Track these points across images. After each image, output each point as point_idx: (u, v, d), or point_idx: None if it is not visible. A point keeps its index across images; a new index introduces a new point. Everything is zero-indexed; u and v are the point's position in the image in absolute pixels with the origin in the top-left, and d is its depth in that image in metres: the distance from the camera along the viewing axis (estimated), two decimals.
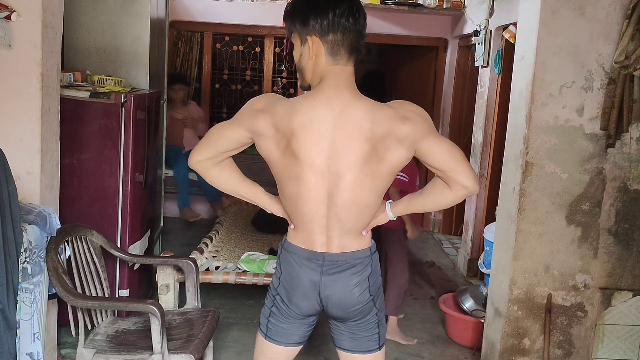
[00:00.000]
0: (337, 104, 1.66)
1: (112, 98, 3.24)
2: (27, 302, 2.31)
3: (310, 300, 1.80)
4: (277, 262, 1.90)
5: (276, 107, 1.69)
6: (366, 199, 1.73)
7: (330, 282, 1.77)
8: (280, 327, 1.87)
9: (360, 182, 1.69)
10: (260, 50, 6.40)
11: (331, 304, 1.80)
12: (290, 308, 1.83)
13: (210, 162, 1.81)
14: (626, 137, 2.77)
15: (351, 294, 1.78)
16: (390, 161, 1.68)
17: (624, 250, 2.86)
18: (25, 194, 2.57)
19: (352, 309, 1.80)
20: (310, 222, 1.76)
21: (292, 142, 1.67)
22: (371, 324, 1.85)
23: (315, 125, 1.65)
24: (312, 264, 1.77)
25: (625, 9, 2.64)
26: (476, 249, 4.99)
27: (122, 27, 3.91)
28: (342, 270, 1.77)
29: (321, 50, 1.68)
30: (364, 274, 1.79)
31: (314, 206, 1.72)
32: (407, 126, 1.66)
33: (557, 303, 2.89)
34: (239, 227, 4.86)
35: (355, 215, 1.75)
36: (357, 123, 1.65)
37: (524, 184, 2.79)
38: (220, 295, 4.04)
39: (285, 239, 1.86)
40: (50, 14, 2.61)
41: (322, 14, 1.65)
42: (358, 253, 1.79)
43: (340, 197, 1.70)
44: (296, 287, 1.80)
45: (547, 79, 2.73)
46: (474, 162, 5.12)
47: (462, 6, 5.54)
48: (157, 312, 2.34)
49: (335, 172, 1.68)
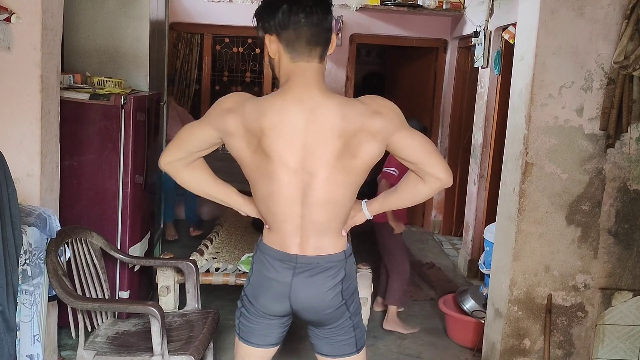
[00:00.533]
0: (308, 103, 1.65)
1: (111, 100, 3.25)
2: (27, 304, 2.31)
3: (279, 303, 1.78)
4: (251, 263, 1.87)
5: (245, 106, 1.68)
6: (341, 197, 1.72)
7: (301, 286, 1.75)
8: (250, 327, 1.85)
9: (334, 180, 1.68)
10: (260, 51, 6.41)
11: (302, 308, 1.78)
12: (257, 308, 1.81)
13: (181, 163, 1.79)
14: (626, 137, 2.77)
15: (322, 297, 1.76)
16: (363, 157, 1.68)
17: (624, 250, 2.86)
18: (25, 196, 2.58)
19: (323, 313, 1.78)
20: (284, 221, 1.73)
21: (262, 141, 1.65)
22: (345, 328, 1.83)
23: (287, 125, 1.64)
24: (284, 266, 1.75)
25: (624, 9, 2.64)
26: (476, 250, 4.99)
27: (122, 29, 3.91)
28: (315, 273, 1.75)
29: (280, 48, 1.69)
30: (337, 278, 1.77)
31: (288, 205, 1.70)
32: (379, 121, 1.66)
33: (558, 303, 2.89)
34: (239, 229, 4.85)
35: (330, 214, 1.73)
36: (328, 121, 1.64)
37: (523, 184, 2.79)
38: (220, 297, 4.04)
39: (261, 239, 1.84)
40: (50, 16, 2.62)
41: (273, 12, 1.66)
42: (332, 256, 1.76)
43: (314, 195, 1.69)
44: (265, 288, 1.78)
45: (547, 80, 2.73)
46: (474, 162, 5.12)
47: (462, 7, 5.55)
48: (157, 313, 2.34)
49: (308, 171, 1.67)
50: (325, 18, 1.67)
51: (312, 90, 1.67)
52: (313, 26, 1.65)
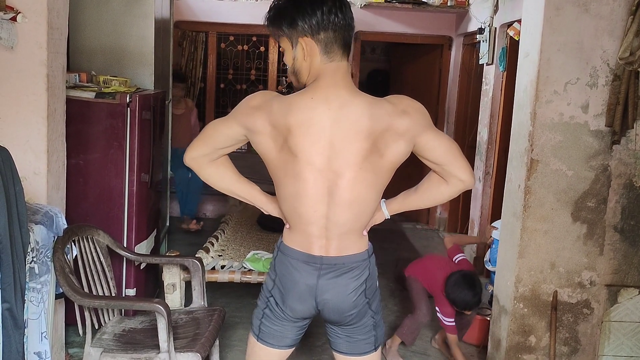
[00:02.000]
0: (335, 102, 1.65)
1: (117, 98, 3.26)
2: (35, 302, 2.32)
3: (305, 304, 1.77)
4: (271, 264, 1.86)
5: (273, 104, 1.68)
6: (366, 197, 1.72)
7: (327, 286, 1.75)
8: (272, 330, 1.84)
9: (361, 179, 1.68)
10: (264, 49, 6.41)
11: (327, 308, 1.78)
12: (284, 311, 1.80)
13: (206, 159, 1.79)
14: (631, 134, 2.76)
15: (347, 298, 1.76)
16: (391, 156, 1.68)
17: (630, 247, 2.85)
18: (32, 194, 2.59)
19: (348, 313, 1.78)
20: (308, 223, 1.72)
21: (289, 139, 1.65)
22: (367, 327, 1.83)
23: (314, 123, 1.64)
24: (309, 268, 1.74)
25: (630, 5, 2.63)
26: (481, 247, 4.98)
27: (127, 28, 3.92)
28: (340, 274, 1.75)
29: (315, 50, 1.67)
30: (361, 278, 1.77)
31: (313, 205, 1.69)
32: (406, 120, 1.66)
33: (563, 300, 2.89)
34: (244, 226, 4.87)
35: (355, 215, 1.72)
36: (355, 120, 1.64)
37: (529, 181, 2.79)
38: (226, 294, 4.05)
39: (282, 241, 1.82)
40: (56, 15, 2.63)
41: (309, 14, 1.64)
42: (356, 256, 1.76)
43: (340, 194, 1.68)
44: (291, 290, 1.77)
45: (552, 76, 2.73)
46: (480, 159, 5.11)
47: (467, 4, 5.53)
48: (163, 311, 2.35)
49: (334, 170, 1.66)
50: (352, 19, 1.69)
51: (339, 90, 1.67)
52: (348, 26, 1.68)
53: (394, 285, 4.50)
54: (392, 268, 4.50)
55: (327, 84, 1.66)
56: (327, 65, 1.68)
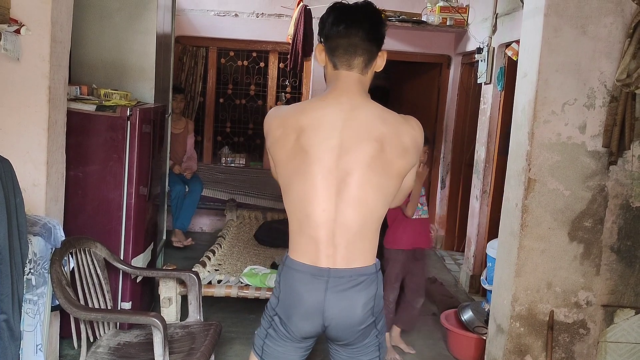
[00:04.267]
0: (347, 104, 1.74)
1: (117, 111, 3.27)
2: (31, 314, 2.32)
3: (312, 321, 1.74)
4: (276, 281, 1.83)
5: (285, 109, 1.81)
6: (374, 198, 1.72)
7: (335, 301, 1.72)
8: (276, 351, 1.81)
9: (368, 179, 1.70)
10: (264, 65, 6.45)
11: (334, 325, 1.74)
12: (289, 330, 1.77)
13: None
14: (628, 155, 2.78)
15: (355, 313, 1.73)
16: (397, 162, 1.73)
17: (626, 267, 2.86)
18: (31, 205, 2.59)
19: (354, 330, 1.75)
20: (316, 226, 1.71)
21: (300, 138, 1.71)
22: (371, 346, 1.81)
23: (325, 122, 1.71)
24: (316, 281, 1.72)
25: (627, 27, 2.67)
26: (478, 265, 4.99)
27: (129, 43, 3.95)
28: (348, 287, 1.72)
29: (326, 57, 1.81)
30: (370, 293, 1.75)
31: (321, 204, 1.70)
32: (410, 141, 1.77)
33: (560, 320, 2.89)
34: (241, 241, 4.86)
35: (363, 216, 1.72)
36: (367, 121, 1.72)
37: (526, 200, 2.80)
38: (222, 309, 4.04)
39: (287, 255, 1.80)
40: (59, 29, 2.65)
41: (322, 24, 1.81)
42: (364, 269, 1.75)
43: (349, 193, 1.70)
44: (297, 307, 1.74)
45: (550, 97, 2.75)
46: (477, 177, 5.13)
47: (466, 24, 5.59)
48: (159, 324, 2.35)
49: (343, 168, 1.70)
50: (369, 32, 1.77)
51: (351, 94, 1.76)
52: (351, 37, 1.76)
53: None
54: None
55: (339, 89, 1.77)
56: (337, 72, 1.79)
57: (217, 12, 6.11)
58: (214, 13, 6.11)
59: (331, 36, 1.77)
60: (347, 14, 1.77)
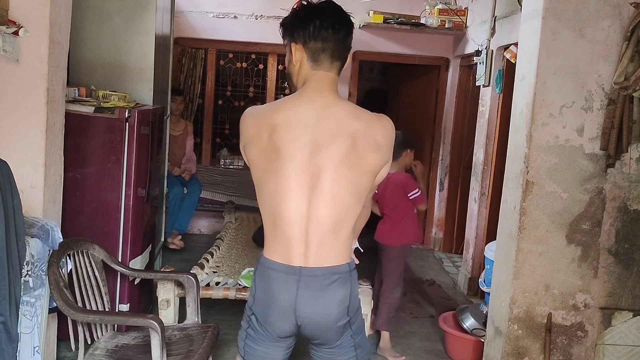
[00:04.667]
0: (320, 102, 1.76)
1: (116, 113, 3.27)
2: (28, 316, 2.31)
3: (286, 320, 1.75)
4: (252, 280, 1.85)
5: (260, 109, 1.83)
6: (346, 194, 1.73)
7: (306, 300, 1.72)
8: (257, 351, 1.81)
9: (342, 174, 1.72)
10: (263, 67, 6.45)
11: (307, 323, 1.75)
12: (266, 329, 1.78)
13: None
14: (626, 158, 2.79)
15: (328, 312, 1.74)
16: (369, 159, 1.74)
17: (624, 270, 2.86)
18: (28, 207, 2.59)
19: (327, 329, 1.75)
20: (289, 224, 1.72)
21: (273, 136, 1.73)
22: (346, 347, 1.80)
23: (298, 120, 1.73)
24: (288, 279, 1.73)
25: (625, 30, 2.68)
26: (477, 268, 4.98)
27: (128, 44, 3.95)
28: (319, 287, 1.72)
29: (304, 57, 1.81)
30: (344, 292, 1.75)
31: (294, 201, 1.71)
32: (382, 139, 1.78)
33: (558, 322, 2.89)
34: (239, 243, 4.86)
35: (336, 213, 1.72)
36: (339, 118, 1.75)
37: (524, 202, 2.81)
38: (220, 311, 4.03)
39: (262, 255, 1.82)
40: (58, 30, 2.65)
41: (304, 24, 1.80)
42: (336, 268, 1.74)
43: (322, 189, 1.71)
44: (272, 305, 1.74)
45: (548, 99, 2.76)
46: (475, 180, 5.13)
47: (464, 26, 5.60)
48: (157, 327, 2.34)
49: (316, 165, 1.71)
50: (347, 37, 1.83)
51: (324, 93, 1.79)
52: (337, 42, 1.80)
53: None
54: None
55: (312, 88, 1.80)
56: (314, 72, 1.81)
57: (216, 13, 6.11)
58: (213, 15, 6.11)
59: (317, 38, 1.78)
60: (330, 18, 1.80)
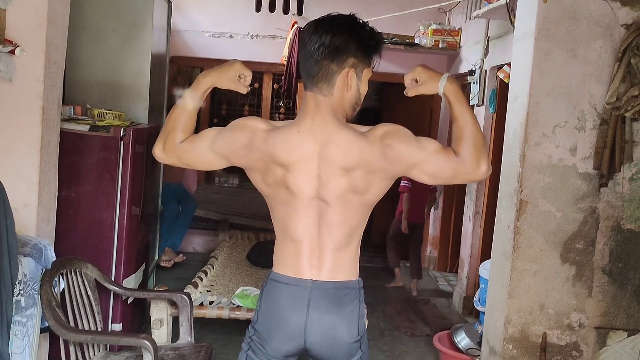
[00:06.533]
0: (321, 136, 1.69)
1: (111, 132, 3.28)
2: (19, 336, 2.29)
3: (293, 340, 1.71)
4: (259, 297, 1.81)
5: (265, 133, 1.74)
6: (356, 219, 1.74)
7: (318, 315, 1.70)
8: None
9: (348, 203, 1.71)
10: (258, 86, 6.49)
11: (316, 341, 1.71)
12: (267, 350, 1.73)
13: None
14: (619, 177, 2.80)
15: (340, 328, 1.71)
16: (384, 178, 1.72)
17: (618, 289, 2.86)
18: (22, 225, 2.58)
19: (338, 348, 1.72)
20: (300, 240, 1.73)
21: (277, 171, 1.71)
22: None
23: (301, 160, 1.69)
24: (299, 293, 1.70)
25: (616, 51, 2.71)
26: (472, 286, 4.97)
27: (124, 63, 3.96)
28: (332, 300, 1.70)
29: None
30: (353, 307, 1.73)
31: (304, 226, 1.73)
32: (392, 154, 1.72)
33: (552, 342, 2.88)
34: (233, 262, 4.84)
35: (347, 231, 1.73)
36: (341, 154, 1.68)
37: (518, 221, 2.81)
38: (213, 331, 4.00)
39: (271, 270, 1.80)
40: (54, 50, 2.66)
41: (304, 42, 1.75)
42: (348, 283, 1.74)
43: (330, 218, 1.71)
44: (279, 322, 1.71)
45: (541, 119, 2.78)
46: (470, 199, 5.14)
47: (458, 46, 5.65)
48: (150, 346, 2.33)
49: (323, 199, 1.70)
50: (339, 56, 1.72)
51: (324, 120, 1.70)
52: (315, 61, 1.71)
53: (383, 325, 4.47)
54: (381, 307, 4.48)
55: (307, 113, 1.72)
56: (307, 93, 1.76)
57: (212, 33, 6.16)
58: (209, 34, 6.16)
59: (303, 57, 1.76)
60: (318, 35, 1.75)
